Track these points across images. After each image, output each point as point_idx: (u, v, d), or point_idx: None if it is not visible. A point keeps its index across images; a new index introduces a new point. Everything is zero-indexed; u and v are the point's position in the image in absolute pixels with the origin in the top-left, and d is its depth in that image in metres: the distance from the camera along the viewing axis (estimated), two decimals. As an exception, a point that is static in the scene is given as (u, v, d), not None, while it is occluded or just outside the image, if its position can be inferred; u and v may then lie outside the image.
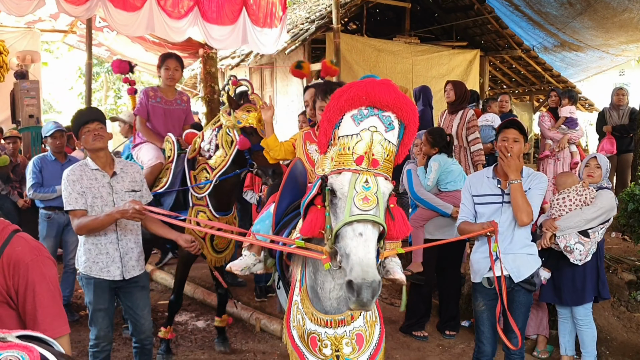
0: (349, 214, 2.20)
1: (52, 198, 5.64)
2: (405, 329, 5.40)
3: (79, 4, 7.45)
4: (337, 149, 2.32)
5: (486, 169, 4.04)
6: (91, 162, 3.74)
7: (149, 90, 5.15)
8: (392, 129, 2.31)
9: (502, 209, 3.77)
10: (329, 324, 2.59)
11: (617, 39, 11.42)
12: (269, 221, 3.23)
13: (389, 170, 2.32)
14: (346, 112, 2.34)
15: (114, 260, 3.75)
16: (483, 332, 3.90)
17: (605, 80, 15.94)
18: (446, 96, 6.78)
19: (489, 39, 12.89)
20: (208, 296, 6.29)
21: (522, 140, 3.78)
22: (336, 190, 2.28)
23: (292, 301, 2.77)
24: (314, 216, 2.45)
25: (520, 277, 3.74)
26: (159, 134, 5.11)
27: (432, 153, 5.33)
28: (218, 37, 8.84)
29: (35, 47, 11.31)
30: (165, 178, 4.77)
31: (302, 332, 2.67)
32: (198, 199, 4.66)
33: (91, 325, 3.83)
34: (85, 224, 3.62)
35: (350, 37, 11.28)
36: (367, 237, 2.17)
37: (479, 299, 3.91)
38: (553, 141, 7.93)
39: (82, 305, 6.01)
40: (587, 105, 14.90)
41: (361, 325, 2.63)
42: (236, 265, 3.21)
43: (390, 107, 2.31)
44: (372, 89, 2.32)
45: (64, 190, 3.68)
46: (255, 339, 5.38)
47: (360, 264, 2.10)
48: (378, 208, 2.21)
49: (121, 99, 22.12)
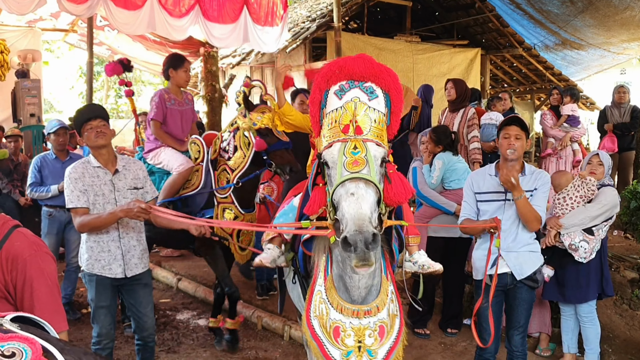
0: (340, 176, 2.27)
1: (48, 197, 5.64)
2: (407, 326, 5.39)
3: (80, 3, 7.44)
4: (327, 125, 2.43)
5: (488, 166, 4.01)
6: (93, 159, 3.72)
7: (163, 93, 5.06)
8: (375, 97, 2.40)
9: (505, 207, 3.76)
10: (355, 313, 2.59)
11: (618, 37, 11.40)
12: (293, 214, 3.21)
13: (380, 136, 2.39)
14: (326, 89, 2.46)
15: (115, 258, 3.74)
16: (486, 329, 3.86)
17: (607, 79, 15.92)
18: (447, 94, 6.77)
19: (490, 38, 12.88)
20: (209, 295, 6.27)
21: (524, 137, 3.76)
22: (328, 161, 2.38)
23: (314, 291, 2.75)
24: (316, 194, 2.55)
25: (522, 275, 3.73)
26: (176, 137, 5.10)
27: (437, 151, 5.31)
28: (219, 35, 8.83)
29: (36, 46, 11.33)
30: (195, 179, 4.84)
31: (325, 322, 2.64)
32: (223, 198, 4.76)
33: (93, 323, 3.83)
34: (88, 222, 3.60)
35: (351, 35, 11.28)
36: (359, 195, 2.21)
37: (481, 296, 3.86)
38: (555, 139, 7.93)
39: (84, 304, 6.01)
40: (588, 104, 14.89)
41: (385, 317, 2.64)
42: (265, 259, 3.20)
43: (367, 77, 2.41)
44: (344, 63, 2.44)
45: (66, 188, 3.66)
46: (257, 337, 5.38)
47: (352, 219, 2.15)
48: (369, 167, 2.27)
49: (122, 98, 22.12)
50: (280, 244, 3.28)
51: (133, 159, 4.00)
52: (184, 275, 7.00)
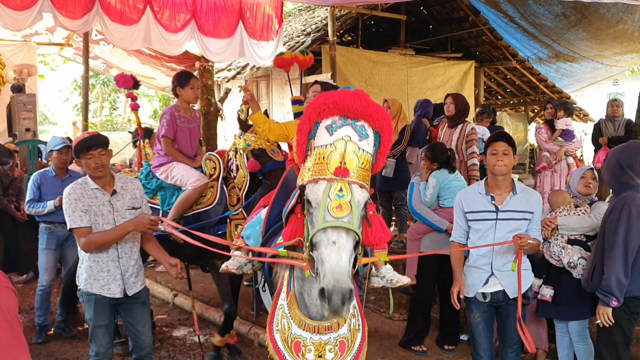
0: (322, 220, 2.26)
1: (45, 213, 5.62)
2: (404, 343, 5.38)
3: (76, 18, 7.47)
4: (314, 159, 2.38)
5: (477, 184, 4.02)
6: (91, 181, 3.74)
7: (174, 110, 5.08)
8: (365, 137, 2.37)
9: (497, 226, 3.76)
10: (316, 329, 2.64)
11: (611, 50, 11.50)
12: (260, 227, 3.27)
13: (365, 178, 2.37)
14: (318, 121, 2.40)
15: (115, 278, 3.76)
16: (480, 344, 3.92)
17: (600, 91, 16.05)
18: (446, 109, 6.74)
19: (484, 50, 12.96)
20: (206, 310, 6.27)
21: (511, 152, 3.79)
22: (311, 200, 2.35)
23: (276, 305, 2.80)
24: (294, 224, 2.56)
25: (515, 293, 3.74)
26: (185, 153, 5.13)
27: (433, 168, 5.31)
28: (215, 50, 8.86)
29: (32, 60, 11.34)
30: (210, 195, 4.92)
31: (287, 337, 2.70)
32: (234, 214, 4.87)
33: (91, 342, 3.83)
34: (95, 239, 3.62)
35: (345, 49, 11.32)
36: (340, 245, 2.22)
37: (474, 311, 3.92)
38: (550, 153, 7.97)
39: (79, 321, 5.98)
40: (582, 116, 14.99)
41: (345, 332, 2.69)
42: (232, 265, 3.30)
43: (362, 115, 2.36)
44: (339, 98, 2.37)
45: (66, 209, 3.67)
46: (253, 353, 5.36)
47: (332, 272, 2.16)
48: (352, 215, 2.26)
49: (116, 110, 22.18)
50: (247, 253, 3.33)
51: (130, 179, 4.01)
52: (180, 290, 6.97)
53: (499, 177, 3.80)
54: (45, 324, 5.69)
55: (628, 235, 3.59)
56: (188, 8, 8.50)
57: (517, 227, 3.72)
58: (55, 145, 5.75)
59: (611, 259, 3.63)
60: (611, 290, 3.58)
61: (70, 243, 5.76)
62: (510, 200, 3.77)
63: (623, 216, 3.62)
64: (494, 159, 3.77)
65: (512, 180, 3.87)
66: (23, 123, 9.41)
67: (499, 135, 3.89)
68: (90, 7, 7.51)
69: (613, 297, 3.59)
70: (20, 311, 6.48)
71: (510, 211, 3.76)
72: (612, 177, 3.82)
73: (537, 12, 10.29)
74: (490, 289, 3.82)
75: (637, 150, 3.81)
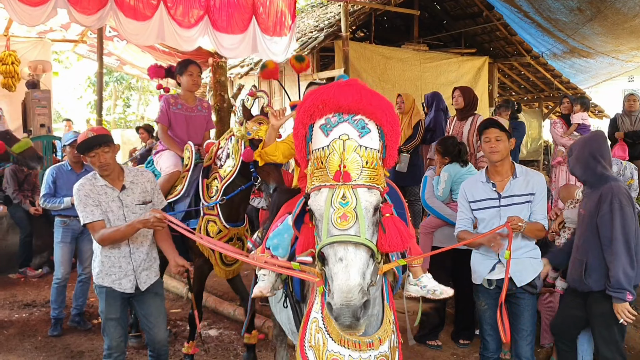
0: (326, 234, 2.06)
1: (60, 208, 5.66)
2: (418, 338, 5.35)
3: (91, 14, 7.50)
4: (313, 164, 2.16)
5: (478, 173, 4.03)
6: (100, 177, 3.71)
7: (170, 97, 5.13)
8: (366, 132, 2.12)
9: (501, 213, 3.74)
10: (357, 346, 2.35)
11: (627, 45, 11.37)
12: (289, 235, 2.92)
13: (374, 177, 2.12)
14: (312, 123, 2.18)
15: (126, 274, 3.75)
16: (486, 330, 4.01)
17: (614, 87, 15.88)
18: (454, 103, 6.72)
19: (498, 46, 12.89)
20: (220, 304, 6.27)
21: (505, 137, 3.78)
22: (314, 211, 2.16)
23: (309, 318, 2.50)
24: (306, 235, 2.33)
25: (523, 282, 3.74)
26: (182, 141, 5.09)
27: (445, 163, 5.28)
28: (228, 45, 8.86)
29: (46, 57, 11.43)
30: (181, 186, 4.74)
31: (321, 353, 2.39)
32: (209, 209, 4.61)
33: (104, 335, 3.84)
34: (108, 235, 3.60)
35: (358, 44, 11.30)
36: (348, 261, 2.01)
37: (480, 299, 3.99)
38: (565, 148, 7.89)
39: (95, 314, 6.02)
40: (597, 112, 14.85)
41: (386, 350, 2.43)
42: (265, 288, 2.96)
43: (357, 109, 2.13)
44: (329, 96, 2.13)
45: (77, 205, 3.66)
46: (268, 347, 5.35)
47: (340, 290, 1.98)
48: (358, 225, 2.04)
49: (130, 108, 22.29)
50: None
51: (142, 171, 3.95)
52: (194, 285, 6.98)
53: (496, 163, 3.80)
54: (60, 317, 5.73)
55: (625, 227, 3.56)
56: (201, 4, 8.50)
57: (521, 211, 3.68)
58: (68, 140, 5.79)
59: (613, 254, 3.58)
60: (622, 285, 3.54)
61: (85, 237, 5.79)
62: (511, 185, 3.76)
63: (615, 208, 3.58)
64: (488, 146, 3.79)
65: (513, 164, 3.85)
66: (37, 119, 9.51)
67: (489, 122, 3.93)
68: (104, 2, 7.53)
69: (627, 292, 3.54)
70: (35, 304, 6.56)
71: (512, 196, 3.74)
72: (587, 170, 3.78)
73: (552, 6, 10.18)
74: (496, 276, 3.82)
75: (604, 138, 3.89)
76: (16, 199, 7.48)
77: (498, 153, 3.75)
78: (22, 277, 7.70)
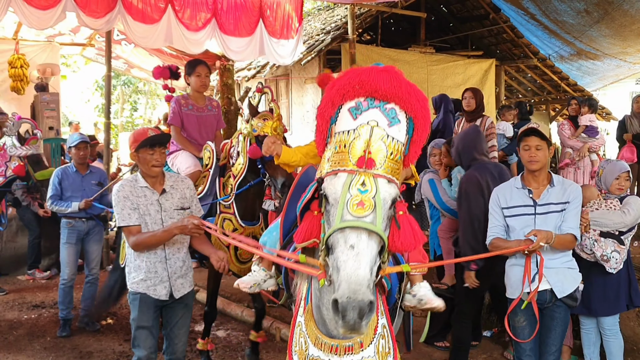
0: (340, 219, 1.93)
1: (67, 212, 5.68)
2: (427, 340, 5.35)
3: (99, 17, 7.53)
4: (334, 147, 2.06)
5: (513, 179, 3.93)
6: (141, 179, 3.64)
7: (180, 98, 5.15)
8: (396, 122, 2.03)
9: (536, 221, 3.63)
10: (334, 350, 2.26)
11: (635, 47, 11.31)
12: (277, 233, 2.96)
13: (394, 171, 2.02)
14: (341, 104, 2.08)
15: (162, 280, 3.65)
16: (525, 350, 3.73)
17: (621, 89, 15.82)
18: (466, 104, 6.71)
19: (505, 48, 12.86)
20: (228, 306, 6.29)
21: (545, 146, 3.71)
22: (329, 195, 2.03)
23: (295, 322, 2.46)
24: (309, 223, 2.20)
25: (564, 292, 3.62)
26: (195, 141, 5.13)
27: (454, 164, 5.23)
28: (236, 48, 8.89)
29: (55, 60, 11.50)
30: (202, 185, 4.77)
31: (304, 358, 2.34)
32: (225, 207, 4.69)
33: (134, 347, 3.69)
34: (143, 240, 3.51)
35: (365, 47, 11.30)
36: (360, 249, 1.89)
37: (519, 315, 3.70)
38: (573, 150, 7.88)
39: (103, 316, 6.03)
40: (604, 114, 14.79)
41: (371, 355, 2.29)
42: (244, 282, 2.95)
43: (392, 97, 2.04)
44: (368, 77, 2.04)
45: (115, 206, 3.57)
46: (275, 348, 5.36)
47: (347, 281, 1.83)
48: (375, 214, 1.93)
49: (137, 111, 22.37)
50: (269, 267, 3.04)
51: (182, 177, 3.90)
52: (201, 286, 6.98)
53: (534, 171, 3.72)
54: (68, 318, 5.76)
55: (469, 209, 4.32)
56: (209, 7, 8.53)
57: (557, 220, 3.60)
58: (73, 142, 5.84)
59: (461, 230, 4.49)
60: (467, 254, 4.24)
61: (91, 238, 5.83)
62: (548, 193, 3.67)
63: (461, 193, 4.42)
64: (527, 155, 3.71)
65: (550, 174, 3.78)
66: (46, 122, 9.56)
67: (530, 130, 3.84)
68: (113, 6, 7.57)
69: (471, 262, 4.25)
70: (44, 306, 6.60)
71: (549, 204, 3.64)
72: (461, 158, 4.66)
73: (559, 8, 10.15)
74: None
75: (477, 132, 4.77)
76: (25, 201, 7.53)
77: (538, 162, 3.67)
78: (31, 278, 7.76)
